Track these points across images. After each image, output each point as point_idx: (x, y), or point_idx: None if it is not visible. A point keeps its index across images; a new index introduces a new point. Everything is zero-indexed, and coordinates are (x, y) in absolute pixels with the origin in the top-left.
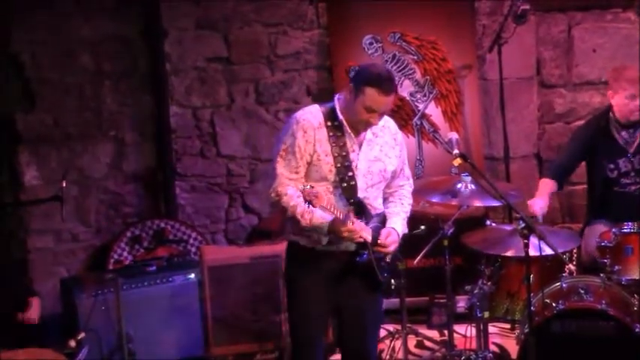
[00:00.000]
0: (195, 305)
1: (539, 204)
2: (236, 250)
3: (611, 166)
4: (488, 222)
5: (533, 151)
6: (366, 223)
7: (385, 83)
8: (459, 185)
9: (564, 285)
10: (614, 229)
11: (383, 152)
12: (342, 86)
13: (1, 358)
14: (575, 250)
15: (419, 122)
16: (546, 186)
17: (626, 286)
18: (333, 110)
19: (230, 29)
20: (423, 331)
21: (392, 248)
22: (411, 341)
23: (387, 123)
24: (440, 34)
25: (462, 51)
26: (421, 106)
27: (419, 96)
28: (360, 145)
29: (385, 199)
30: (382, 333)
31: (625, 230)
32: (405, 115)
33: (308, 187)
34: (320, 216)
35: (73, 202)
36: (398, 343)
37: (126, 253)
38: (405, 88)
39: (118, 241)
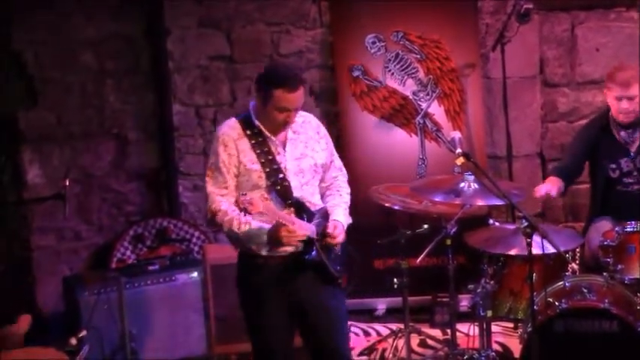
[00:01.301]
0: (197, 304)
1: (544, 187)
2: None
3: (613, 165)
4: (491, 221)
5: (536, 150)
6: (309, 221)
7: (290, 81)
8: (461, 184)
9: (567, 284)
10: (617, 228)
11: (309, 148)
12: (344, 85)
13: (2, 358)
14: (578, 250)
15: (422, 121)
16: (552, 180)
17: (629, 285)
18: (249, 118)
19: (233, 28)
20: (426, 329)
21: (340, 239)
22: (414, 340)
23: (307, 118)
24: (443, 33)
25: (465, 50)
26: (424, 105)
27: (422, 95)
28: (284, 146)
29: (323, 194)
30: (385, 332)
31: (628, 229)
32: (407, 114)
33: (241, 195)
34: (256, 227)
35: (75, 200)
36: (401, 342)
37: (129, 252)
38: (408, 87)
39: (120, 240)
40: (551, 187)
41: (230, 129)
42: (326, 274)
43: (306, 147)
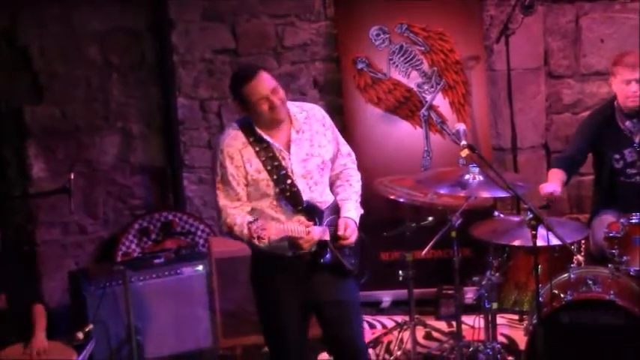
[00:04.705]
0: (203, 297)
1: (550, 186)
2: None
3: (617, 156)
4: (496, 213)
5: (541, 141)
6: (320, 223)
7: (246, 73)
8: (466, 176)
9: (572, 276)
10: (622, 220)
11: (315, 145)
12: (349, 78)
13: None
14: (583, 241)
15: (426, 113)
16: (555, 174)
17: (635, 276)
18: (250, 125)
19: (237, 21)
20: (431, 322)
21: (352, 239)
22: (419, 332)
23: (311, 112)
24: (447, 24)
25: (469, 42)
26: (428, 98)
27: (426, 87)
28: (288, 149)
29: (332, 183)
30: (390, 324)
31: (633, 221)
32: (412, 107)
33: (252, 221)
34: (277, 236)
35: (80, 194)
36: (406, 335)
37: (134, 246)
38: (413, 80)
39: (125, 234)
40: (555, 186)
41: (232, 139)
42: (341, 270)
43: (311, 145)
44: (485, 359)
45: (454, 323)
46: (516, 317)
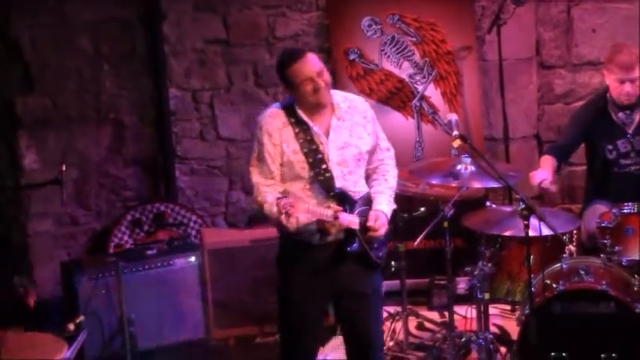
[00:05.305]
0: (195, 288)
1: (540, 174)
2: (237, 233)
3: (610, 147)
4: (488, 203)
5: (533, 132)
6: (351, 211)
7: (293, 53)
8: (458, 167)
9: (565, 266)
10: (614, 210)
11: (354, 135)
12: (341, 68)
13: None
14: (575, 232)
15: (418, 104)
16: (546, 161)
17: (627, 266)
18: (292, 106)
19: (229, 11)
20: (424, 312)
21: (382, 231)
22: (412, 323)
23: (354, 102)
24: (439, 15)
25: (461, 32)
26: (420, 88)
27: (418, 78)
28: (327, 135)
29: (368, 176)
30: (383, 315)
31: (625, 211)
32: (404, 97)
33: (282, 197)
34: (305, 217)
35: (72, 185)
36: (398, 325)
37: (126, 237)
38: (404, 70)
39: (118, 225)
40: (546, 174)
41: (273, 118)
42: (367, 261)
43: (350, 135)
44: (478, 349)
45: (446, 314)
46: (508, 307)
